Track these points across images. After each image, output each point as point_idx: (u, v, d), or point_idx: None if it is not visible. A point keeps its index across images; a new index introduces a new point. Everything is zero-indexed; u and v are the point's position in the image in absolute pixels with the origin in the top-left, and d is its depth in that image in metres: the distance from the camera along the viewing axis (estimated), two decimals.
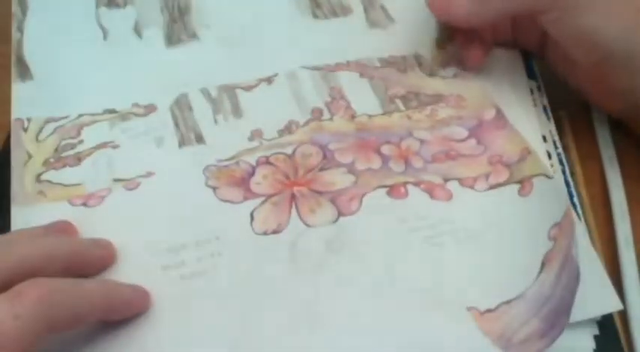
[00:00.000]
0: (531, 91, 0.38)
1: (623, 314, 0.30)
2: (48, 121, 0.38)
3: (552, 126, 0.37)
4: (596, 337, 0.29)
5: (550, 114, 0.38)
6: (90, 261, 0.31)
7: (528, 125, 0.36)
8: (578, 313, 0.28)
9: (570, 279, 0.28)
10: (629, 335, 0.30)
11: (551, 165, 0.35)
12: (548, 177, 0.33)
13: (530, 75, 0.39)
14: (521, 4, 0.34)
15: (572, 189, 0.34)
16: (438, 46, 0.40)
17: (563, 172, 0.35)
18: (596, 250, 0.32)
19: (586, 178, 0.36)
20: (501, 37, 0.39)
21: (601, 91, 0.36)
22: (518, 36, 0.39)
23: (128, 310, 0.29)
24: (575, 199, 0.34)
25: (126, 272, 0.31)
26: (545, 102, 0.38)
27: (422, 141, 0.36)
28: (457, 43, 0.39)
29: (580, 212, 0.33)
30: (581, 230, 0.32)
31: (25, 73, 0.40)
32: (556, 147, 0.36)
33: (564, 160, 0.36)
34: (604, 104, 0.37)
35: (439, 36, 0.40)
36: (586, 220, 0.33)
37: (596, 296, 0.29)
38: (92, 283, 0.29)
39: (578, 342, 0.29)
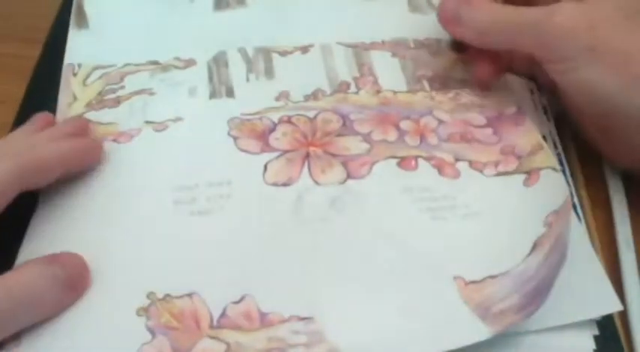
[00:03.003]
0: (531, 92, 0.39)
1: (623, 315, 0.30)
2: (96, 68, 0.40)
3: (552, 127, 0.37)
4: (596, 337, 0.29)
5: (550, 114, 0.38)
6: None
7: None
8: (577, 313, 0.29)
9: (557, 260, 0.28)
10: (629, 335, 0.30)
11: None
12: (555, 170, 0.34)
13: None
14: (522, 47, 0.34)
15: (572, 190, 0.34)
16: (452, 50, 0.41)
17: (563, 172, 0.35)
18: (596, 250, 0.32)
19: (586, 179, 0.36)
20: (518, 67, 0.39)
21: (609, 144, 0.35)
22: (534, 71, 0.39)
23: (81, 160, 0.34)
24: (576, 200, 0.34)
25: (139, 203, 0.33)
26: (545, 102, 0.39)
27: (440, 121, 0.37)
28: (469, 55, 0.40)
29: (580, 213, 0.34)
30: (581, 231, 0.32)
31: (82, 21, 0.43)
32: (556, 147, 0.36)
33: (564, 160, 0.36)
34: (613, 157, 0.36)
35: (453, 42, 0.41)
36: (586, 221, 0.34)
37: (595, 297, 0.29)
38: (49, 143, 0.32)
39: (578, 342, 0.29)
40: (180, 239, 0.32)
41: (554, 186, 0.33)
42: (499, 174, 0.34)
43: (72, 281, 0.29)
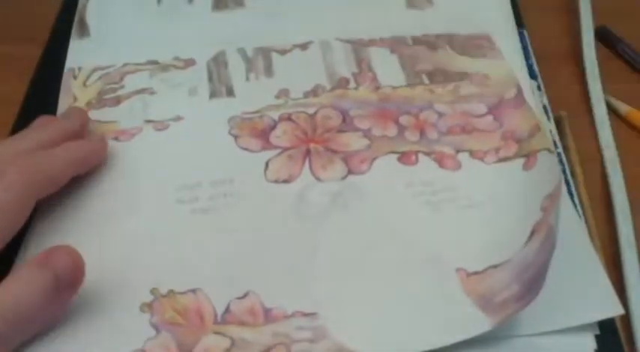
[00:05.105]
0: (531, 91, 0.38)
1: (625, 314, 0.30)
2: (96, 69, 0.40)
3: (552, 126, 0.37)
4: (597, 337, 0.29)
5: (550, 114, 0.38)
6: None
7: None
8: (578, 317, 0.28)
9: (551, 244, 0.28)
10: (630, 335, 0.30)
11: None
12: (550, 151, 0.34)
13: (531, 75, 0.40)
14: None
15: (573, 190, 0.34)
16: None
17: (564, 172, 0.35)
18: (596, 249, 0.31)
19: (586, 179, 0.36)
20: None
21: None
22: None
23: (89, 161, 0.34)
24: (576, 199, 0.34)
25: (141, 202, 0.33)
26: (546, 102, 0.39)
27: (440, 114, 0.37)
28: None
29: (580, 212, 0.33)
30: (581, 230, 0.32)
31: (83, 31, 0.43)
32: (556, 147, 0.36)
33: (564, 160, 0.36)
34: None
35: None
36: (586, 219, 0.33)
37: (596, 301, 0.29)
38: (57, 149, 0.32)
39: (579, 342, 0.28)
40: (183, 236, 0.32)
41: (549, 168, 0.33)
42: (500, 160, 0.34)
43: (64, 284, 0.27)
